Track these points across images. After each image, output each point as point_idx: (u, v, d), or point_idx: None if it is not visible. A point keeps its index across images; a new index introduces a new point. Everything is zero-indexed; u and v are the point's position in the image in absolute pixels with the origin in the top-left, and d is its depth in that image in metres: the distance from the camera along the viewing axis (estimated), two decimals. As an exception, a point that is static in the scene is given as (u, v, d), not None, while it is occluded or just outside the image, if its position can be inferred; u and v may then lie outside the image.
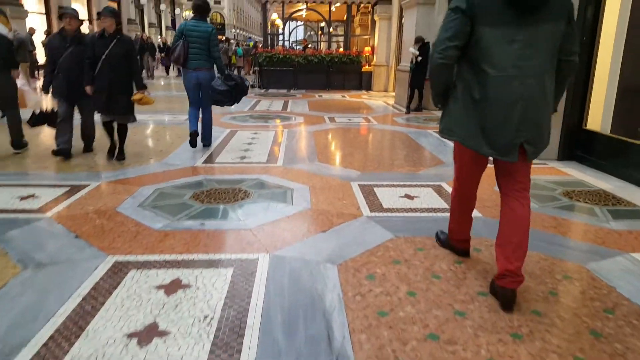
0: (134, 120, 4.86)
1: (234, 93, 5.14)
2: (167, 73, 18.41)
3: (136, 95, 4.64)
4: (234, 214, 3.24)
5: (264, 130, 6.65)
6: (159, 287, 2.23)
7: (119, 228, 2.98)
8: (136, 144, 5.50)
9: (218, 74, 5.21)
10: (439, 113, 2.48)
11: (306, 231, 2.94)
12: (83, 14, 21.69)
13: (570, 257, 2.62)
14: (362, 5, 15.48)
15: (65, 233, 2.90)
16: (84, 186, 3.85)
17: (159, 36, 20.05)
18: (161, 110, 8.40)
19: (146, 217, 3.16)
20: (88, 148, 5.15)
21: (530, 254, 2.52)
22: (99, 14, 4.69)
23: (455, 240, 2.55)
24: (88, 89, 4.51)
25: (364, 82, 14.01)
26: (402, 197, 3.60)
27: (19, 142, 5.05)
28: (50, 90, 4.81)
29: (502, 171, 2.18)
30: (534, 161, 2.19)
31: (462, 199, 2.41)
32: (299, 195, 3.63)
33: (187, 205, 3.40)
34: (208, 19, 6.10)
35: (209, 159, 4.84)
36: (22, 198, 3.55)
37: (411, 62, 8.74)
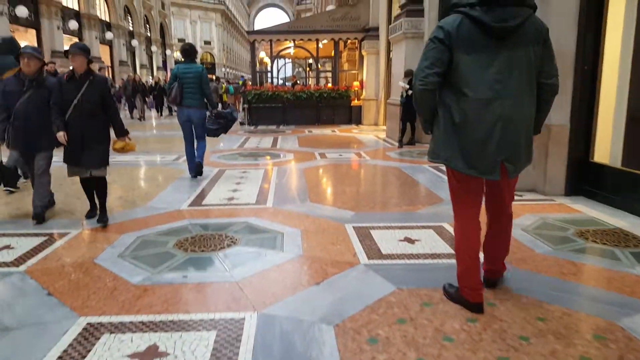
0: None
1: (225, 127, 5.87)
2: (160, 113, 18.08)
3: (117, 144, 4.02)
4: (220, 263, 2.98)
5: (253, 168, 6.44)
6: (133, 355, 1.95)
7: (95, 283, 2.71)
8: (121, 187, 5.26)
9: (209, 112, 5.75)
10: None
11: (298, 283, 2.68)
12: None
13: (598, 311, 2.31)
14: (349, 41, 15.66)
15: (37, 290, 2.65)
16: (64, 234, 3.60)
17: (150, 77, 19.93)
18: (150, 151, 8.21)
19: (125, 270, 2.89)
20: (42, 218, 3.98)
21: (551, 307, 2.31)
22: (66, 52, 3.88)
23: (467, 289, 2.31)
24: (61, 135, 3.72)
25: (353, 116, 13.99)
26: (401, 240, 3.36)
27: None
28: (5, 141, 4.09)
29: (489, 189, 2.34)
30: (540, 198, 2.65)
31: (466, 236, 2.33)
32: (289, 241, 3.38)
33: (169, 254, 3.14)
34: (197, 60, 6.51)
35: (196, 201, 4.60)
36: (-5, 250, 3.29)
37: (401, 95, 8.69)
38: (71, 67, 3.80)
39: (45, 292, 2.61)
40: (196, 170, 5.71)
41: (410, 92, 8.23)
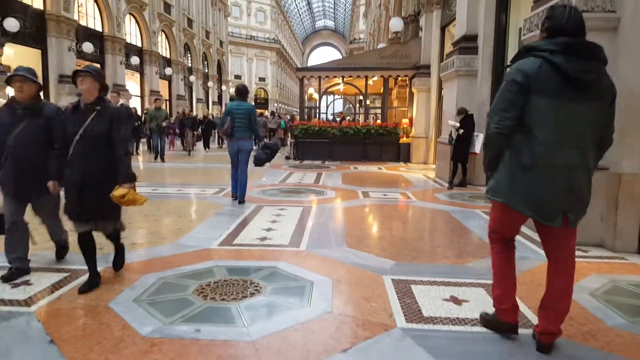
0: (122, 226, 3.44)
1: (271, 155, 6.53)
2: (207, 147, 17.52)
3: (117, 191, 3.00)
4: (239, 316, 2.67)
5: (291, 206, 6.18)
6: None
7: (103, 332, 2.48)
8: (155, 221, 5.13)
9: (255, 145, 6.56)
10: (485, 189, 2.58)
11: (322, 349, 2.31)
12: (136, 91, 23.05)
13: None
14: (399, 78, 15.47)
15: (40, 336, 2.46)
16: (85, 272, 3.43)
17: (206, 110, 20.41)
18: (193, 183, 8.18)
19: (137, 318, 2.65)
20: (61, 255, 3.75)
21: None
22: (74, 73, 3.12)
23: (501, 311, 2.41)
24: (50, 185, 3.16)
25: (402, 153, 13.59)
26: (446, 300, 2.93)
27: None
28: None
29: (547, 236, 2.31)
30: (609, 255, 2.76)
31: (505, 259, 2.42)
32: (318, 293, 3.03)
33: (187, 302, 2.88)
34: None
35: (227, 240, 4.37)
36: (15, 285, 3.17)
37: (450, 134, 8.25)
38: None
39: (47, 339, 2.41)
40: (239, 199, 6.27)
41: (461, 131, 7.77)
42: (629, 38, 4.02)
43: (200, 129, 17.48)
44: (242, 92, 6.59)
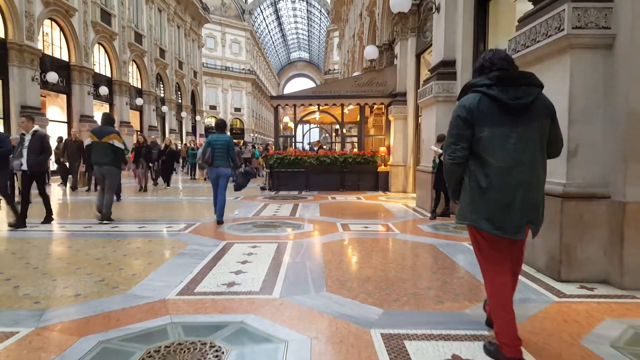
0: None
1: (247, 180, 7.67)
2: (165, 182, 14.61)
3: None
4: (192, 397, 2.10)
5: (265, 242, 5.63)
6: None
7: None
8: (106, 266, 4.49)
9: (235, 171, 7.30)
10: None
11: None
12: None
13: None
14: (375, 106, 15.28)
15: None
16: (11, 334, 2.80)
17: (168, 138, 19.09)
18: (158, 219, 7.54)
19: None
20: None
21: None
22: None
23: (505, 345, 2.40)
24: None
25: (380, 182, 13.23)
26: (449, 362, 2.43)
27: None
28: None
29: (507, 250, 2.48)
30: (617, 294, 2.82)
31: (500, 292, 2.46)
32: (294, 358, 2.48)
33: (128, 376, 2.29)
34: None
35: (188, 287, 3.78)
36: None
37: (434, 161, 7.91)
38: None
39: None
40: (218, 217, 7.08)
41: (443, 157, 7.44)
42: (628, 56, 3.73)
43: (159, 161, 14.44)
44: (220, 126, 7.50)
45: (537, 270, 4.33)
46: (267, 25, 73.38)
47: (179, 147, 18.49)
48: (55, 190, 12.54)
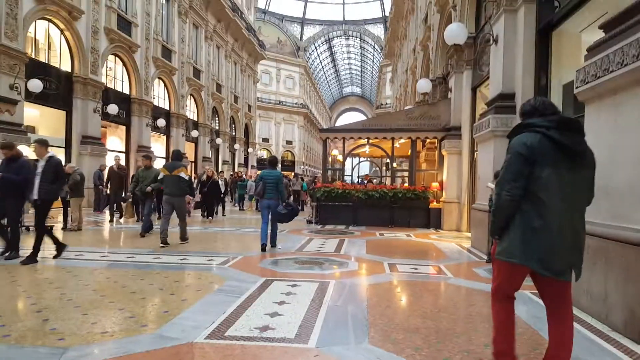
0: None
1: (291, 214, 7.95)
2: (209, 215, 13.60)
3: None
4: None
5: (306, 281, 5.30)
6: None
7: None
8: (140, 301, 4.32)
9: (282, 203, 7.88)
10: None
11: None
12: (161, 153, 23.26)
13: None
14: (427, 140, 14.82)
15: None
16: None
17: (207, 168, 17.98)
18: (198, 251, 7.42)
19: None
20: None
21: None
22: None
23: None
24: None
25: (432, 219, 12.62)
26: None
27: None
28: None
29: (550, 290, 2.56)
30: None
31: (506, 317, 2.64)
32: None
33: None
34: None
35: (219, 329, 3.50)
36: None
37: (490, 199, 7.34)
38: None
39: None
40: (272, 243, 7.86)
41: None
42: None
43: (200, 192, 13.62)
44: (272, 162, 8.41)
45: (611, 328, 3.72)
46: (320, 61, 75.16)
47: (225, 178, 18.33)
48: (105, 219, 12.89)
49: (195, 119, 27.97)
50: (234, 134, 36.22)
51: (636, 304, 3.46)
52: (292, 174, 24.89)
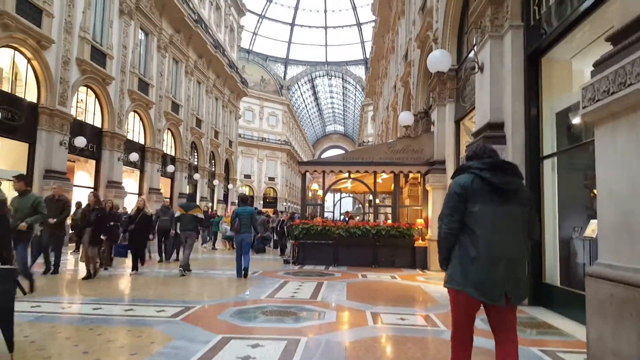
0: None
1: (264, 245, 9.95)
2: (134, 266, 9.40)
3: None
4: None
5: (271, 338, 4.39)
6: None
7: None
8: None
9: (256, 236, 9.27)
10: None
11: None
12: (134, 189, 22.21)
13: None
14: (410, 175, 14.23)
15: None
16: None
17: (140, 200, 12.17)
18: (149, 299, 6.43)
19: None
20: None
21: None
22: None
23: None
24: None
25: (418, 259, 11.79)
26: None
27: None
28: None
29: (493, 315, 2.77)
30: None
31: (463, 342, 2.79)
32: None
33: None
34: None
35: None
36: None
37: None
38: None
39: None
40: (243, 274, 8.80)
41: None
42: None
43: (121, 230, 9.97)
44: (244, 199, 9.78)
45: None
46: (304, 100, 75.67)
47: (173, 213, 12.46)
48: (70, 260, 11.74)
49: (173, 154, 27.07)
50: (213, 169, 35.31)
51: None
52: (272, 210, 24.04)
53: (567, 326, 5.12)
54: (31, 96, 15.09)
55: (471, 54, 8.36)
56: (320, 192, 15.92)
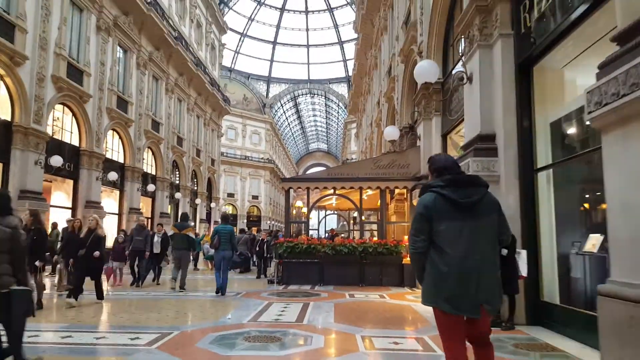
0: None
1: (243, 262, 12.01)
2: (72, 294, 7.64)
3: None
4: None
5: (255, 369, 3.96)
6: None
7: None
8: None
9: (234, 253, 9.74)
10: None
11: None
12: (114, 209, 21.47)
13: None
14: (397, 191, 13.96)
15: None
16: None
17: (94, 218, 10.46)
18: (124, 325, 5.93)
19: None
20: None
21: None
22: None
23: None
24: None
25: (406, 277, 11.42)
26: None
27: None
28: None
29: (470, 326, 2.74)
30: None
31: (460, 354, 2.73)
32: None
33: None
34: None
35: None
36: None
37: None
38: None
39: None
40: (221, 292, 9.01)
41: (504, 252, 5.70)
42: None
43: (66, 252, 8.72)
44: (225, 218, 10.34)
45: None
46: (287, 118, 75.60)
47: (165, 231, 12.26)
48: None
49: (154, 173, 26.40)
50: (195, 188, 34.61)
51: None
52: (256, 229, 23.55)
53: (572, 348, 4.79)
54: (4, 114, 14.47)
55: (459, 66, 8.16)
56: (304, 210, 15.54)
